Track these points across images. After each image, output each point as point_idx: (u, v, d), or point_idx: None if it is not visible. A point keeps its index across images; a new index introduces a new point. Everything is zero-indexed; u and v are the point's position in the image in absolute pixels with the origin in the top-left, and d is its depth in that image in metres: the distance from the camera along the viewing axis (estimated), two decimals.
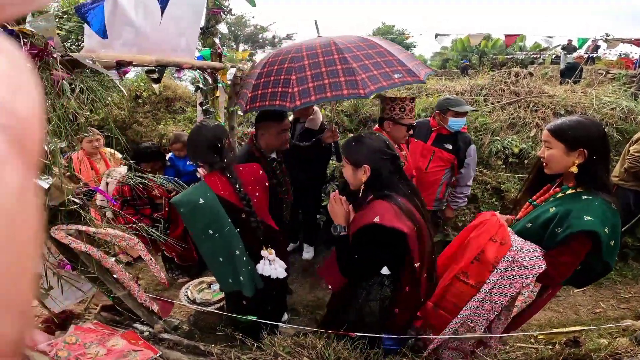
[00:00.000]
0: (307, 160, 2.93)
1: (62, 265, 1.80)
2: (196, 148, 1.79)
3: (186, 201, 1.70)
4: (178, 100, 5.50)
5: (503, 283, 1.52)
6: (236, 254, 1.78)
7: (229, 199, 1.73)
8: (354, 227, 1.50)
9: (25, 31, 1.27)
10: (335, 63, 1.86)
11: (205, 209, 1.68)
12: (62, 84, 1.34)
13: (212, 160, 1.76)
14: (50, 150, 1.37)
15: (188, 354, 1.90)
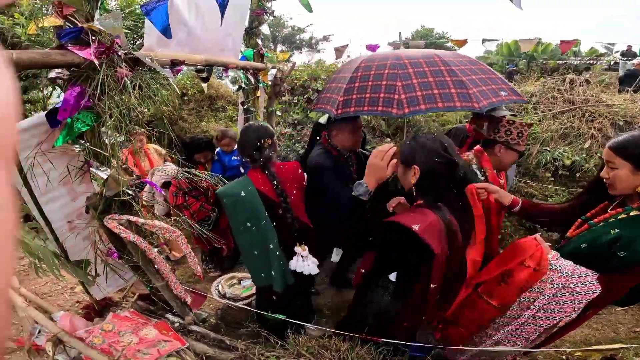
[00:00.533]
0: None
1: (110, 253, 1.90)
2: (243, 145, 1.88)
3: (229, 193, 1.80)
4: (220, 98, 5.72)
5: (551, 308, 1.45)
6: (270, 248, 1.85)
7: (268, 194, 1.81)
8: (393, 217, 1.46)
9: (94, 29, 1.35)
10: (443, 74, 1.83)
11: (246, 202, 1.77)
12: (124, 80, 1.43)
13: (253, 157, 1.85)
14: (110, 144, 1.46)
15: (213, 347, 1.96)
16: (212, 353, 1.90)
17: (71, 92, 1.31)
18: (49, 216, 1.61)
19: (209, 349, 1.92)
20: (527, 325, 1.50)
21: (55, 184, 1.54)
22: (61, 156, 1.51)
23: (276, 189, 1.82)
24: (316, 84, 5.08)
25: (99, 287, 2.06)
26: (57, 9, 1.26)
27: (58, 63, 1.25)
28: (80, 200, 1.65)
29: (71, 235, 1.74)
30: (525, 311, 1.48)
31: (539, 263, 1.43)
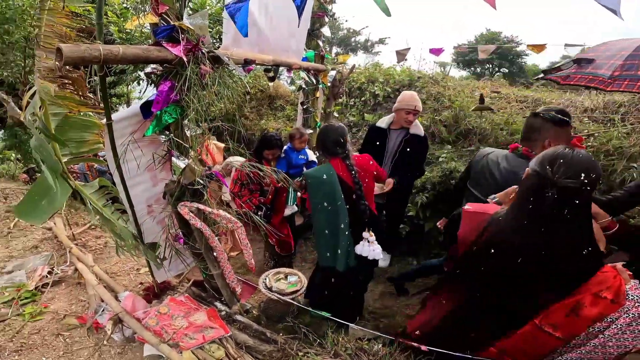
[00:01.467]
0: (414, 163, 2.97)
1: (177, 238, 2.07)
2: (325, 142, 2.19)
3: (313, 175, 2.14)
4: (279, 98, 5.99)
5: (624, 337, 1.35)
6: (341, 227, 2.10)
7: (346, 180, 2.11)
8: None
9: (184, 27, 1.50)
10: None
11: (326, 183, 2.07)
12: (206, 77, 1.57)
13: (336, 152, 2.15)
14: (190, 136, 1.61)
15: (254, 339, 2.05)
16: (252, 344, 2.00)
17: (164, 86, 1.47)
18: (133, 199, 1.81)
19: (249, 339, 2.03)
20: (593, 354, 1.41)
21: (142, 170, 1.74)
22: (149, 145, 1.71)
23: (354, 177, 2.12)
24: (373, 87, 5.07)
25: (165, 269, 2.24)
26: (154, 7, 1.43)
27: (155, 59, 1.42)
28: (160, 187, 1.85)
29: (148, 218, 1.94)
30: (593, 340, 1.39)
31: (617, 294, 1.31)
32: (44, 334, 2.24)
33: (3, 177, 6.16)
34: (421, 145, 2.98)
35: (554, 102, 4.14)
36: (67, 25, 1.45)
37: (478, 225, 1.37)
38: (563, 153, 1.19)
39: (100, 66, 1.33)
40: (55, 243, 3.36)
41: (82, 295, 2.62)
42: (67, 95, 1.47)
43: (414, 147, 2.94)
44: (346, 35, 23.21)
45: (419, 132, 2.97)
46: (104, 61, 1.23)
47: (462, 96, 4.37)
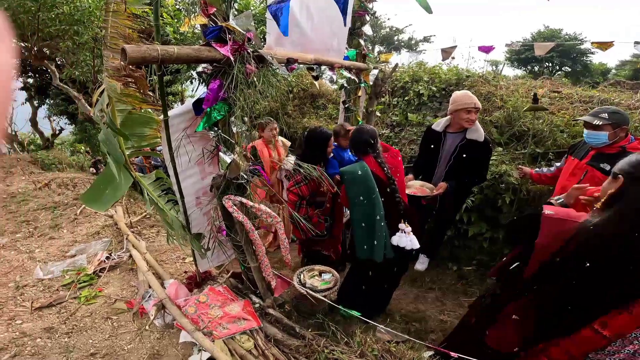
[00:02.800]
0: (470, 171, 2.85)
1: (221, 230, 2.18)
2: (358, 142, 2.38)
3: (349, 171, 2.26)
4: (321, 97, 6.08)
5: None
6: (377, 219, 2.21)
7: (378, 174, 2.26)
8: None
9: (230, 27, 1.59)
10: None
11: (361, 178, 2.20)
12: (251, 76, 1.65)
13: (367, 151, 2.33)
14: (235, 132, 1.70)
15: (283, 332, 2.10)
16: (281, 337, 2.04)
17: (213, 84, 1.57)
18: (183, 191, 1.95)
19: (278, 332, 2.08)
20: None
21: (193, 163, 1.87)
22: (199, 140, 1.83)
23: (386, 173, 2.29)
24: (418, 86, 4.95)
25: (208, 259, 2.38)
26: (203, 8, 1.53)
27: (206, 58, 1.52)
28: (208, 180, 1.97)
29: (196, 209, 2.07)
30: (628, 347, 1.32)
31: None
32: (95, 317, 2.38)
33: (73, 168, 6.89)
34: (480, 150, 2.82)
35: (623, 104, 3.75)
36: (130, 27, 1.59)
37: (562, 233, 1.28)
38: None
39: (159, 65, 1.45)
40: (114, 230, 3.68)
41: (133, 281, 2.80)
42: (131, 93, 1.63)
43: (470, 152, 2.80)
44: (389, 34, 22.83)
45: (476, 137, 2.80)
46: (161, 61, 1.35)
47: (516, 96, 4.11)
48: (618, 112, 2.24)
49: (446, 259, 3.55)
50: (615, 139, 2.22)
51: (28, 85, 9.25)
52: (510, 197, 3.19)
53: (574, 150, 2.52)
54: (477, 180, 2.98)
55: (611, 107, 2.58)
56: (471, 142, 2.80)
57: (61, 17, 5.24)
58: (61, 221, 3.97)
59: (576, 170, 2.40)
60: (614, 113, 2.22)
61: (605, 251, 1.24)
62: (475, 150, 2.79)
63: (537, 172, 2.84)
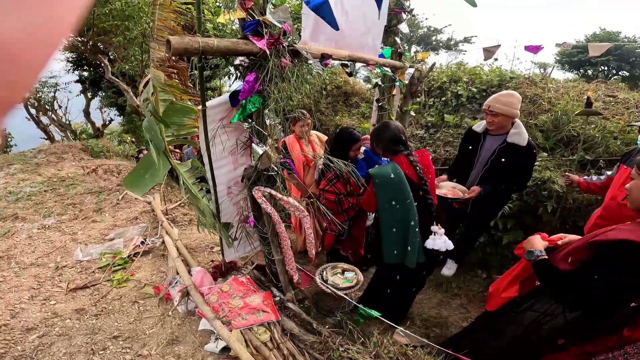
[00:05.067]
0: (510, 177, 2.70)
1: (248, 220, 2.24)
2: (386, 140, 2.22)
3: (381, 174, 2.12)
4: (355, 95, 6.07)
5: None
6: (411, 225, 2.11)
7: (411, 176, 2.12)
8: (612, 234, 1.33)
9: (267, 21, 1.62)
10: None
11: (394, 182, 2.07)
12: (286, 70, 1.68)
13: (398, 149, 2.19)
14: (269, 125, 1.75)
15: (300, 327, 2.10)
16: (297, 332, 2.05)
17: (250, 77, 1.62)
18: (217, 180, 2.03)
19: (295, 327, 2.08)
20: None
21: (226, 153, 1.94)
22: (234, 131, 1.90)
23: (419, 173, 2.14)
24: (456, 86, 4.79)
25: (235, 249, 2.45)
26: (241, 2, 1.57)
27: (243, 51, 1.56)
28: (240, 170, 2.03)
29: (227, 198, 2.14)
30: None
31: None
32: (124, 301, 2.46)
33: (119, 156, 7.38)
34: (521, 156, 2.63)
35: None
36: (175, 20, 1.68)
37: None
38: None
39: (199, 57, 1.52)
40: (151, 216, 3.88)
41: (163, 267, 2.91)
42: (174, 83, 1.72)
43: (510, 157, 2.63)
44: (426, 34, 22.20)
45: (518, 141, 2.62)
46: (202, 52, 1.41)
47: (566, 99, 3.85)
48: None
49: (475, 266, 3.41)
50: None
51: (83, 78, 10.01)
52: (552, 205, 3.00)
53: (627, 159, 2.34)
54: (515, 187, 2.81)
55: None
56: (512, 145, 2.63)
57: (114, 12, 5.60)
58: (104, 205, 4.22)
59: (628, 180, 2.22)
60: None
61: None
62: (516, 155, 2.62)
63: (585, 180, 2.65)
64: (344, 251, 3.25)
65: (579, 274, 1.39)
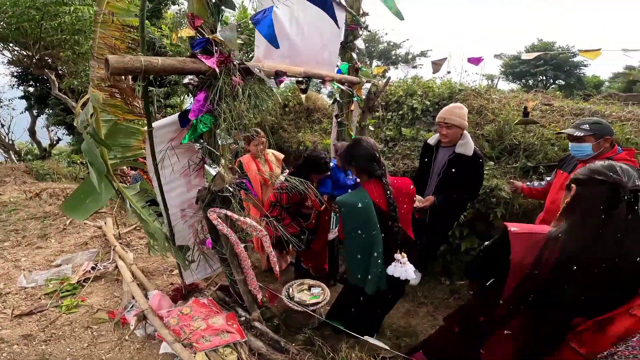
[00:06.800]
0: (461, 186, 2.78)
1: (206, 242, 2.15)
2: (358, 160, 2.08)
3: (348, 202, 2.03)
4: (317, 111, 6.09)
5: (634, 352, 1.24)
6: (374, 256, 2.04)
7: (380, 206, 2.01)
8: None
9: (217, 39, 1.59)
10: None
11: (361, 212, 1.98)
12: (237, 88, 1.64)
13: (372, 168, 2.04)
14: (221, 145, 1.69)
15: (268, 346, 2.05)
16: (265, 351, 2.00)
17: (200, 96, 1.56)
18: (168, 202, 1.92)
19: (263, 346, 2.03)
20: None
21: (177, 175, 1.85)
22: (185, 152, 1.82)
23: (388, 198, 2.00)
24: (412, 100, 4.99)
25: (192, 272, 2.34)
26: (190, 20, 1.54)
27: (191, 70, 1.52)
28: (193, 192, 1.95)
29: (180, 221, 2.04)
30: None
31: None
32: (75, 326, 2.35)
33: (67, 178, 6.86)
34: (468, 165, 2.72)
35: (614, 115, 3.78)
36: (118, 38, 1.60)
37: (533, 246, 1.28)
38: (614, 163, 1.26)
39: (143, 76, 1.45)
40: (102, 241, 3.64)
41: (118, 292, 2.78)
42: (117, 103, 1.62)
43: (459, 167, 2.74)
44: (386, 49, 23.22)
45: (464, 152, 2.73)
46: (144, 71, 1.34)
47: (508, 109, 4.14)
48: (600, 122, 2.23)
49: (439, 274, 3.50)
50: (600, 150, 2.21)
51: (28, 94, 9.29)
52: (501, 211, 3.17)
53: (563, 164, 2.51)
54: (466, 196, 2.89)
55: (593, 117, 2.58)
56: (460, 156, 2.74)
57: (63, 26, 5.32)
58: (50, 231, 3.95)
59: (565, 183, 2.38)
60: (595, 124, 2.21)
61: (580, 258, 1.25)
62: (464, 165, 2.73)
63: (528, 186, 2.82)
64: (304, 264, 3.22)
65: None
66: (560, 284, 1.30)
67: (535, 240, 1.28)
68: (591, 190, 1.25)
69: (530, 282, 1.30)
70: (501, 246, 1.36)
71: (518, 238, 1.28)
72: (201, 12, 1.61)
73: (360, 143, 2.11)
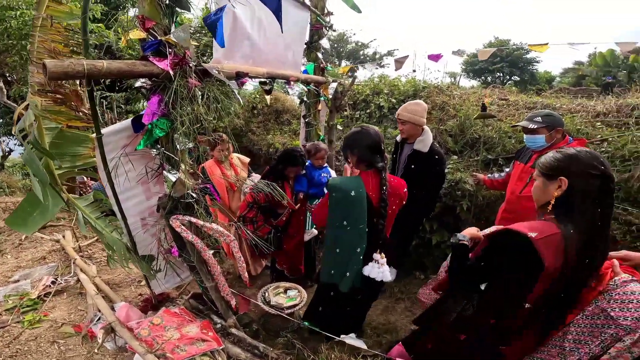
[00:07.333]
0: (421, 183, 2.74)
1: (172, 251, 2.06)
2: (360, 149, 1.89)
3: (340, 188, 1.85)
4: (286, 112, 5.98)
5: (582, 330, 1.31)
6: (357, 251, 1.91)
7: (372, 200, 1.86)
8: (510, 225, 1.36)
9: (170, 41, 1.51)
10: None
11: (354, 202, 1.82)
12: (194, 90, 1.57)
13: (374, 159, 1.87)
14: (180, 150, 1.61)
15: (247, 352, 2.00)
16: (244, 358, 1.95)
17: (153, 99, 1.47)
18: (125, 212, 1.81)
19: (242, 353, 1.98)
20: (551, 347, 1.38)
21: (134, 183, 1.75)
22: (141, 159, 1.71)
23: (383, 193, 1.85)
24: (379, 98, 5.04)
25: (159, 282, 2.24)
26: (140, 22, 1.45)
27: (141, 73, 1.43)
28: (154, 200, 1.85)
29: (141, 230, 1.93)
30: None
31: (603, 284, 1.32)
32: (40, 341, 2.27)
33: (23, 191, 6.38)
34: (425, 162, 2.72)
35: (564, 108, 4.01)
36: (60, 42, 1.48)
37: (556, 249, 1.23)
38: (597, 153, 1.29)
39: (88, 80, 1.34)
40: (62, 255, 3.43)
41: (82, 305, 2.66)
42: (62, 109, 1.50)
43: (417, 163, 2.76)
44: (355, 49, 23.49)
45: (421, 148, 2.73)
46: (88, 75, 1.24)
47: (468, 105, 4.28)
48: (551, 114, 2.34)
49: (413, 268, 3.54)
50: (553, 141, 2.32)
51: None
52: (467, 203, 3.26)
53: (519, 155, 2.60)
54: (424, 193, 2.79)
55: (544, 110, 2.70)
56: (417, 152, 2.75)
57: (10, 31, 4.98)
58: (5, 247, 3.68)
59: (522, 174, 2.48)
60: (547, 116, 2.31)
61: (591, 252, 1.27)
62: (421, 161, 2.74)
63: (489, 178, 2.91)
64: (278, 265, 3.17)
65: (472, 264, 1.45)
66: (579, 278, 1.30)
67: (554, 242, 1.22)
68: (584, 183, 1.23)
69: (561, 283, 1.28)
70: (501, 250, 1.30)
71: (543, 243, 1.20)
72: (153, 13, 1.52)
73: (367, 130, 1.93)
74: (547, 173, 1.32)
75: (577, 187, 1.24)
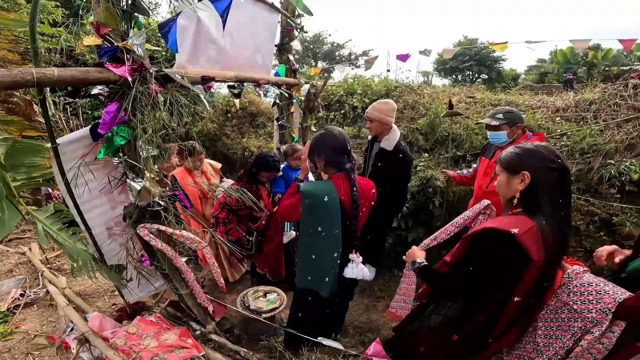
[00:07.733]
0: (388, 181, 2.75)
1: (143, 260, 2.00)
2: (327, 153, 1.86)
3: (313, 194, 1.79)
4: (260, 115, 5.92)
5: (550, 325, 1.36)
6: (334, 256, 1.88)
7: (345, 203, 1.82)
8: (486, 224, 1.38)
9: (128, 47, 1.46)
10: None
11: (327, 207, 1.77)
12: (155, 96, 1.52)
13: (343, 163, 1.84)
14: (144, 157, 1.56)
15: (228, 358, 1.97)
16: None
17: (110, 107, 1.42)
18: (89, 222, 1.74)
19: (222, 358, 1.95)
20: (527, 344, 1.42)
21: (96, 193, 1.68)
22: (102, 168, 1.65)
23: (353, 195, 1.82)
24: (352, 99, 5.08)
25: (131, 291, 2.18)
26: (95, 29, 1.39)
27: (96, 80, 1.37)
28: (119, 209, 1.78)
29: (108, 240, 1.87)
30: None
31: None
32: (14, 353, 2.22)
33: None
34: (390, 160, 2.74)
35: (526, 104, 4.17)
36: (10, 49, 1.40)
37: (537, 241, 1.24)
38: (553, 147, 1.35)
39: (39, 90, 1.28)
40: (29, 267, 3.30)
41: (53, 317, 2.61)
42: (15, 119, 1.42)
43: (383, 162, 2.78)
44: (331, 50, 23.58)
45: (386, 146, 2.75)
46: (37, 84, 1.19)
47: (437, 103, 4.38)
48: (511, 111, 2.43)
49: (391, 266, 3.57)
50: (514, 137, 2.41)
51: None
52: (439, 200, 3.34)
53: (485, 151, 2.68)
54: (388, 190, 2.76)
55: (505, 107, 2.80)
56: (383, 150, 2.77)
57: None
58: None
59: (488, 169, 2.56)
60: (507, 112, 2.40)
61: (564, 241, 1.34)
62: (387, 159, 2.76)
63: (458, 174, 2.98)
64: (259, 269, 3.14)
65: (455, 269, 1.46)
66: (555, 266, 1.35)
67: (534, 234, 1.24)
68: (546, 176, 1.27)
69: (546, 273, 1.31)
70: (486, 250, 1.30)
71: (526, 238, 1.21)
72: (109, 19, 1.47)
73: (331, 132, 1.89)
74: (510, 168, 1.35)
75: (540, 181, 1.27)
